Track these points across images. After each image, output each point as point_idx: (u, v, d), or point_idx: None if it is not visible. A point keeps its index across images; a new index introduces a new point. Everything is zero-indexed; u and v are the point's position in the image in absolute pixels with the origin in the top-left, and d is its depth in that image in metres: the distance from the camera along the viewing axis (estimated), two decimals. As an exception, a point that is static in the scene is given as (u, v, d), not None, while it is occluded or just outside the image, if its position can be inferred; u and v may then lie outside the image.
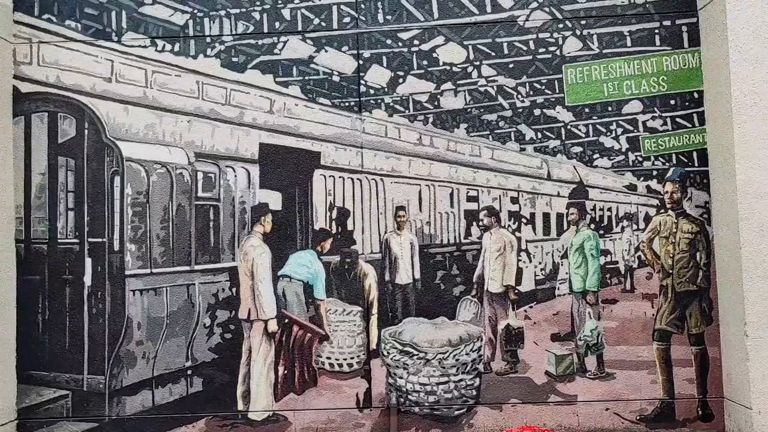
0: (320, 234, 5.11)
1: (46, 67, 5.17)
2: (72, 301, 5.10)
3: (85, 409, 5.05)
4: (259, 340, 5.05)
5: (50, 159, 5.15)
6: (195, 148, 5.15)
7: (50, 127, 5.16)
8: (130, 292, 5.08)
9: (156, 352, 5.07)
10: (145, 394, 5.06)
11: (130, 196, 5.13)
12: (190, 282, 5.11)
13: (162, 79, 5.18)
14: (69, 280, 5.11)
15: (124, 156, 5.13)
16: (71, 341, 5.08)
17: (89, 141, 5.15)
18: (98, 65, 5.17)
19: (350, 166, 5.15)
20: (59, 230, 5.13)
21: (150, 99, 5.16)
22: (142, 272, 5.10)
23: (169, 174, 5.14)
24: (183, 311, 5.09)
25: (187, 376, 5.07)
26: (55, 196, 5.14)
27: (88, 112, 5.15)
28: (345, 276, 5.10)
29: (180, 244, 5.13)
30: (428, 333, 5.01)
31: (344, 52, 5.18)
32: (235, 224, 5.14)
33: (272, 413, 5.02)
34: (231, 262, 5.12)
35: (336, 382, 5.04)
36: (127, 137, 5.14)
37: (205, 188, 5.16)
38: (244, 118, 5.17)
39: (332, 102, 5.17)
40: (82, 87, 5.15)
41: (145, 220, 5.13)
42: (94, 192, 5.13)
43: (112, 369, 5.05)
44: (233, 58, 5.19)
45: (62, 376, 5.07)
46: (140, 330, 5.08)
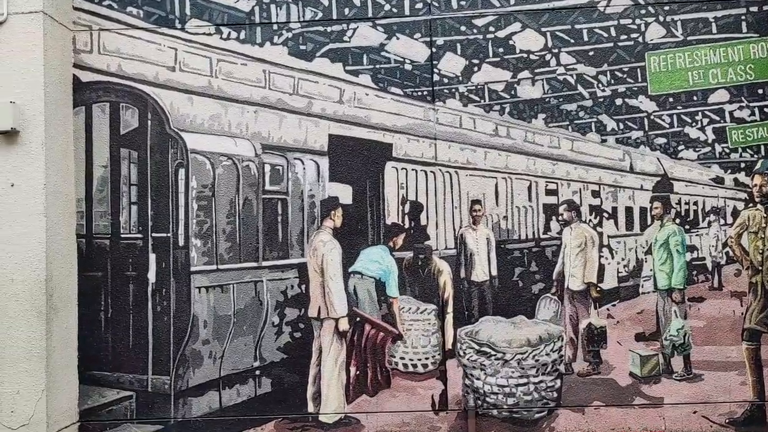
0: (392, 229, 4.95)
1: (107, 56, 5.03)
2: (135, 298, 4.96)
3: (150, 411, 4.91)
4: (329, 339, 4.90)
5: (112, 151, 5.01)
6: (262, 139, 5.00)
7: (112, 118, 5.02)
8: (195, 289, 4.94)
9: (223, 352, 4.93)
10: (212, 396, 4.92)
11: (195, 190, 4.98)
12: (257, 279, 4.96)
13: (227, 67, 5.03)
14: (132, 276, 4.97)
15: (188, 148, 4.98)
16: (135, 340, 4.94)
17: (152, 132, 5.00)
18: (161, 54, 5.02)
19: (423, 158, 4.99)
20: (122, 225, 4.99)
21: (215, 89, 5.01)
22: (208, 268, 4.95)
23: (236, 166, 4.99)
24: (250, 309, 4.95)
25: (255, 377, 4.92)
26: (118, 190, 5.00)
27: (151, 103, 5.00)
28: (419, 273, 4.94)
29: (247, 239, 4.98)
30: (506, 332, 4.85)
31: (416, 40, 5.02)
32: (304, 219, 4.99)
33: (344, 416, 4.87)
34: (300, 258, 4.97)
35: (410, 383, 4.88)
36: (191, 128, 4.99)
37: (273, 181, 5.01)
38: (312, 108, 5.01)
39: (404, 91, 5.00)
40: (145, 76, 5.00)
41: (210, 214, 4.98)
42: (158, 185, 4.99)
43: (178, 369, 4.90)
44: (301, 46, 5.04)
45: (126, 376, 4.93)
46: (206, 328, 4.93)
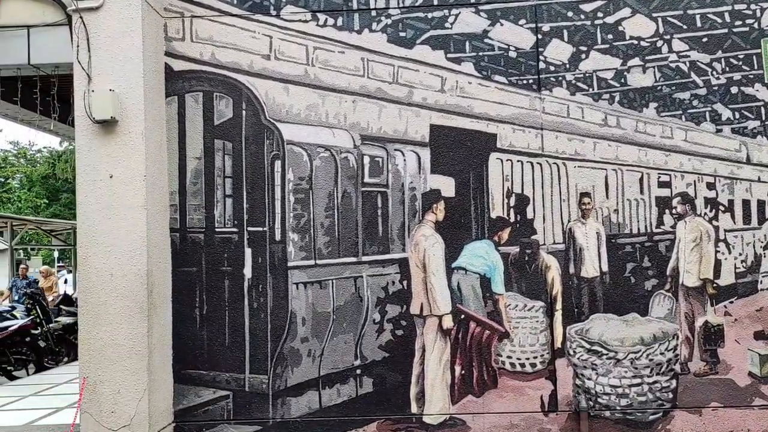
0: (497, 223, 4.81)
1: (200, 44, 4.92)
2: (231, 294, 4.85)
3: (247, 411, 4.80)
4: (433, 337, 4.77)
5: (206, 142, 4.91)
6: (361, 130, 4.88)
7: (205, 108, 4.91)
8: (293, 285, 4.83)
9: (322, 350, 4.81)
10: (312, 395, 4.80)
11: (291, 182, 4.86)
12: (357, 274, 4.83)
13: (324, 56, 4.90)
14: (228, 271, 4.86)
15: (284, 139, 4.87)
16: (231, 338, 4.83)
17: (247, 123, 4.89)
18: (256, 41, 4.91)
19: (529, 149, 4.85)
20: (216, 218, 4.89)
21: (312, 77, 4.89)
22: (306, 264, 4.83)
23: (334, 158, 4.87)
24: (350, 306, 4.82)
25: (356, 376, 4.80)
26: (212, 182, 4.90)
27: (246, 92, 4.89)
28: (525, 268, 4.79)
29: (346, 233, 4.86)
30: (618, 330, 4.69)
31: (521, 26, 4.87)
32: (405, 212, 4.86)
33: (449, 417, 4.74)
34: (401, 253, 4.84)
35: (518, 383, 4.74)
36: (287, 119, 4.88)
37: (372, 173, 4.88)
38: (413, 97, 4.88)
39: (509, 80, 4.86)
40: (239, 65, 4.89)
41: (308, 207, 4.86)
42: (254, 177, 4.88)
43: (276, 368, 4.79)
44: (401, 33, 4.91)
45: (222, 375, 4.82)
46: (305, 326, 4.82)
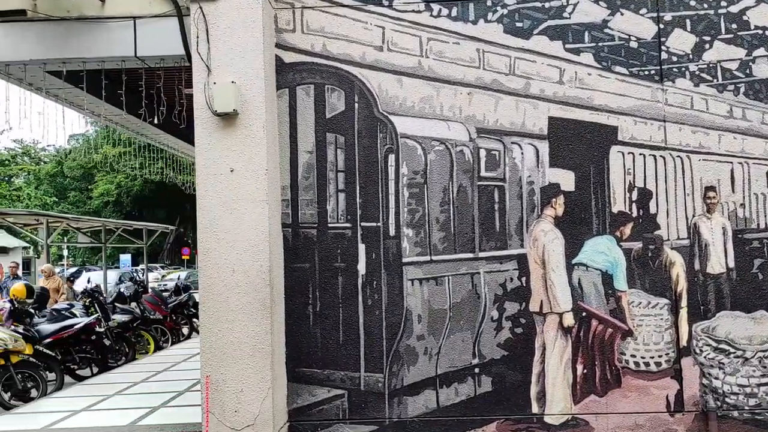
0: (619, 218, 4.79)
1: (311, 35, 4.91)
2: (345, 291, 4.85)
3: (363, 411, 4.79)
4: (553, 335, 4.75)
5: (318, 135, 4.90)
6: (476, 122, 4.86)
7: (317, 101, 4.91)
8: (408, 282, 4.82)
9: (439, 348, 4.80)
10: (429, 395, 4.79)
11: (405, 176, 4.86)
12: (474, 271, 4.82)
13: (438, 47, 4.89)
14: (341, 268, 4.86)
15: (398, 132, 4.86)
16: (345, 335, 4.83)
17: (360, 116, 4.89)
18: (368, 32, 4.90)
19: (651, 142, 4.82)
20: (329, 213, 4.88)
21: (425, 69, 4.88)
22: (421, 260, 4.83)
23: (449, 151, 4.85)
24: (467, 303, 4.81)
25: (474, 375, 4.79)
26: (324, 176, 4.89)
27: (358, 84, 4.88)
28: (649, 264, 4.76)
29: (462, 228, 4.84)
30: (746, 328, 4.67)
31: (642, 15, 4.84)
32: (523, 207, 4.84)
33: (571, 417, 4.72)
34: (519, 248, 4.82)
35: (642, 382, 4.71)
36: (401, 111, 4.87)
37: (489, 167, 4.87)
38: (530, 89, 4.86)
39: (629, 71, 4.83)
40: (351, 56, 4.89)
41: (422, 202, 4.85)
42: (367, 171, 4.87)
43: (392, 366, 4.78)
44: (517, 23, 4.89)
45: (336, 373, 4.82)
46: (421, 323, 4.81)
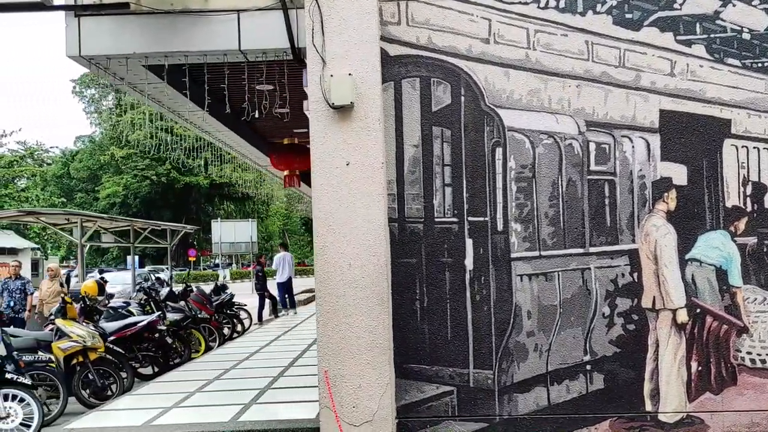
0: (733, 212, 4.82)
1: (416, 28, 4.97)
2: (452, 286, 4.89)
3: (472, 408, 4.83)
4: (667, 332, 4.78)
5: (424, 129, 4.95)
6: (585, 116, 4.90)
7: (423, 94, 4.96)
8: (517, 277, 4.86)
9: (549, 345, 4.84)
10: (539, 392, 4.83)
11: (513, 170, 4.90)
12: (584, 266, 4.86)
13: (546, 39, 4.94)
14: (448, 263, 4.90)
15: (505, 125, 4.90)
16: (453, 331, 4.87)
17: (466, 109, 4.93)
18: (474, 25, 4.95)
19: (766, 135, 4.85)
20: (436, 208, 4.93)
21: (533, 62, 4.93)
22: (530, 255, 4.87)
23: (558, 145, 4.90)
24: (578, 299, 4.85)
25: (585, 372, 4.82)
26: (431, 171, 4.94)
27: (464, 77, 4.93)
28: (764, 260, 4.80)
29: (572, 223, 4.88)
30: None
31: (755, 6, 4.88)
32: (634, 201, 4.88)
33: (686, 415, 4.75)
34: (630, 243, 4.85)
35: (759, 380, 4.74)
36: (508, 104, 4.91)
37: (599, 161, 4.91)
38: (640, 81, 4.90)
39: (742, 63, 4.87)
40: (457, 49, 4.94)
41: (531, 196, 4.90)
42: (474, 165, 4.91)
43: (501, 363, 4.82)
44: (627, 15, 4.93)
45: (445, 370, 4.86)
46: (530, 319, 4.85)
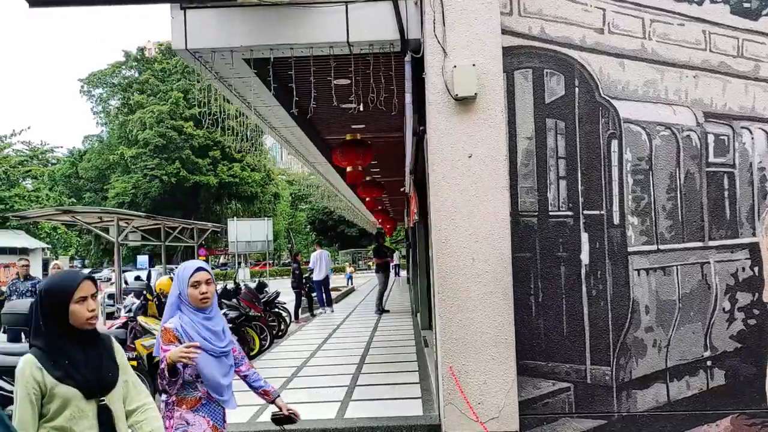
0: None
1: (529, 18, 4.98)
2: (568, 281, 4.90)
3: (590, 404, 4.84)
4: (789, 326, 4.77)
5: (537, 121, 4.96)
6: (703, 107, 4.91)
7: (536, 85, 4.97)
8: (634, 272, 4.87)
9: (668, 340, 4.84)
10: (658, 388, 4.83)
11: (629, 163, 4.91)
12: (703, 260, 4.86)
13: (662, 28, 4.94)
14: (563, 257, 4.91)
15: (621, 117, 4.91)
16: (569, 327, 4.88)
17: (580, 100, 4.94)
18: (588, 14, 4.96)
19: None
20: (550, 201, 4.94)
21: (649, 52, 4.94)
22: (648, 249, 4.87)
23: (675, 137, 4.90)
24: (697, 293, 4.85)
25: (705, 368, 4.83)
26: (545, 163, 4.95)
27: (578, 68, 4.94)
28: None
29: (690, 216, 4.88)
30: None
31: None
32: (754, 194, 4.88)
33: (810, 411, 4.74)
34: (751, 237, 4.86)
35: None
36: (623, 96, 4.92)
37: (717, 153, 4.91)
38: (760, 72, 4.90)
39: None
40: (571, 39, 4.95)
41: (648, 189, 4.90)
42: (588, 158, 4.92)
43: (619, 359, 4.83)
44: (745, 4, 4.93)
45: (561, 366, 4.87)
46: (648, 315, 4.85)
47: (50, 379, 2.31)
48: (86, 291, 2.41)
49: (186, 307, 3.09)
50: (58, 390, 2.31)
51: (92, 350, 2.44)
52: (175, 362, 2.87)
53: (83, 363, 2.39)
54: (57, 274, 2.54)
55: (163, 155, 52.05)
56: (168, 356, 2.88)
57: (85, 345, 2.43)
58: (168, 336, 3.01)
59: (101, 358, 2.46)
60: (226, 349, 3.16)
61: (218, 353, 3.09)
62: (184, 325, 3.05)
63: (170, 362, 2.87)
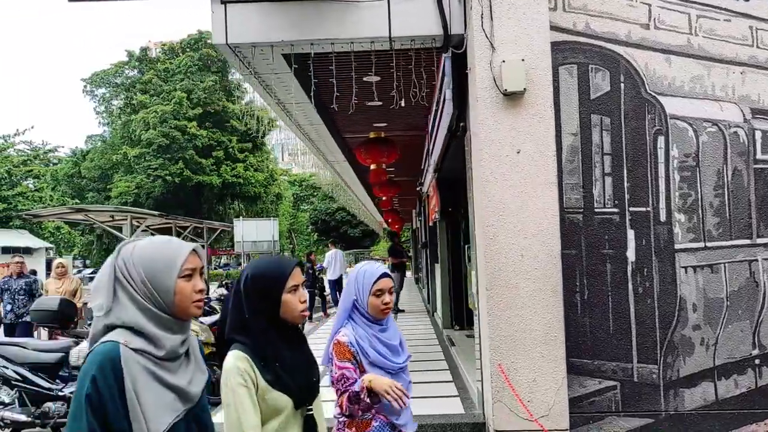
0: None
1: (573, 13, 4.95)
2: (613, 278, 4.87)
3: (636, 403, 4.81)
4: (838, 324, 4.74)
5: (582, 117, 4.93)
6: (750, 103, 4.88)
7: (580, 81, 4.94)
8: (681, 269, 4.84)
9: (716, 339, 4.81)
10: (706, 387, 4.80)
11: (676, 159, 4.88)
12: (751, 258, 4.83)
13: (708, 24, 4.92)
14: (609, 254, 4.88)
15: (667, 113, 4.88)
16: (615, 325, 4.85)
17: (626, 96, 4.91)
18: (633, 10, 4.93)
19: None
20: (595, 198, 4.91)
21: (695, 47, 4.91)
22: (695, 246, 4.84)
23: (722, 133, 4.87)
24: (745, 291, 4.83)
25: (754, 366, 4.80)
26: (590, 160, 4.92)
27: (624, 64, 4.91)
28: None
29: (737, 214, 4.86)
30: None
31: None
32: (802, 191, 4.84)
33: None
34: (799, 234, 4.82)
35: None
36: (670, 92, 4.90)
37: (765, 149, 4.89)
38: (807, 68, 4.87)
39: None
40: (616, 35, 4.92)
41: (695, 186, 4.87)
42: (634, 154, 4.90)
43: (666, 357, 4.80)
44: (792, -1, 4.90)
45: (607, 364, 4.84)
46: (696, 312, 4.82)
47: (263, 382, 1.97)
48: (298, 279, 2.10)
49: (359, 317, 2.71)
50: (269, 396, 1.96)
51: (298, 349, 2.12)
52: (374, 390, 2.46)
53: (293, 365, 2.05)
54: (262, 260, 2.15)
55: (167, 155, 52.07)
56: (372, 383, 2.47)
57: (291, 343, 2.09)
58: (343, 352, 2.60)
59: (307, 359, 2.15)
60: (404, 364, 2.79)
61: (396, 370, 2.70)
62: (359, 338, 2.65)
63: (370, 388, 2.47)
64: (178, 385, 1.70)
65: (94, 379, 1.59)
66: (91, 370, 1.60)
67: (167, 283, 1.72)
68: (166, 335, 1.70)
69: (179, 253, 1.77)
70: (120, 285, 1.71)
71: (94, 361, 1.63)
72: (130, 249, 1.77)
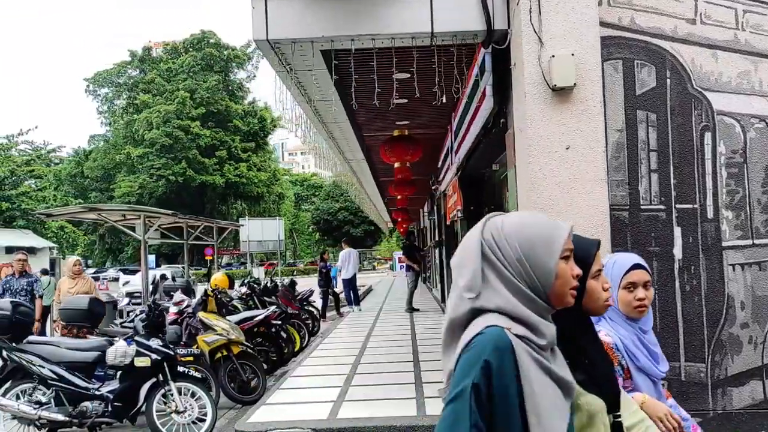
0: None
1: (618, 8, 4.90)
2: (660, 276, 4.83)
3: (684, 401, 4.73)
4: None
5: (628, 113, 4.89)
6: (798, 98, 4.83)
7: (626, 77, 4.90)
8: (729, 267, 4.79)
9: (765, 337, 4.77)
10: (755, 385, 4.76)
11: (723, 156, 4.83)
12: (799, 255, 4.78)
13: (755, 19, 4.88)
14: (655, 252, 4.84)
15: (714, 109, 4.84)
16: (662, 323, 4.81)
17: (672, 92, 4.87)
18: (679, 5, 4.89)
19: None
20: (641, 195, 4.86)
21: (742, 43, 4.86)
22: (743, 243, 4.80)
23: (770, 129, 4.82)
24: (793, 289, 4.77)
25: (803, 365, 4.74)
26: (636, 156, 4.87)
27: (670, 59, 4.87)
28: None
29: (785, 210, 4.81)
30: None
31: None
32: None
33: None
34: None
35: None
36: (716, 87, 4.85)
37: (813, 145, 4.83)
38: None
39: None
40: (662, 30, 4.87)
41: (742, 183, 4.83)
42: (681, 151, 4.85)
43: (714, 355, 4.76)
44: (840, -6, 4.85)
45: (654, 363, 4.79)
46: (744, 310, 4.78)
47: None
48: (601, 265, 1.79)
49: (616, 314, 2.33)
50: (583, 400, 1.57)
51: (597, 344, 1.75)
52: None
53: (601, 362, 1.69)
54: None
55: (170, 155, 52.06)
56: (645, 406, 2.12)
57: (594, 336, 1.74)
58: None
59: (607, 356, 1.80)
60: (665, 373, 2.42)
61: (659, 378, 2.37)
62: (623, 339, 2.28)
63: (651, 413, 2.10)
64: (564, 377, 1.42)
65: (487, 365, 1.32)
66: (483, 354, 1.33)
67: (548, 264, 1.44)
68: (545, 322, 1.43)
69: (559, 230, 1.47)
70: (489, 263, 1.45)
71: (484, 346, 1.35)
72: (498, 223, 1.49)
